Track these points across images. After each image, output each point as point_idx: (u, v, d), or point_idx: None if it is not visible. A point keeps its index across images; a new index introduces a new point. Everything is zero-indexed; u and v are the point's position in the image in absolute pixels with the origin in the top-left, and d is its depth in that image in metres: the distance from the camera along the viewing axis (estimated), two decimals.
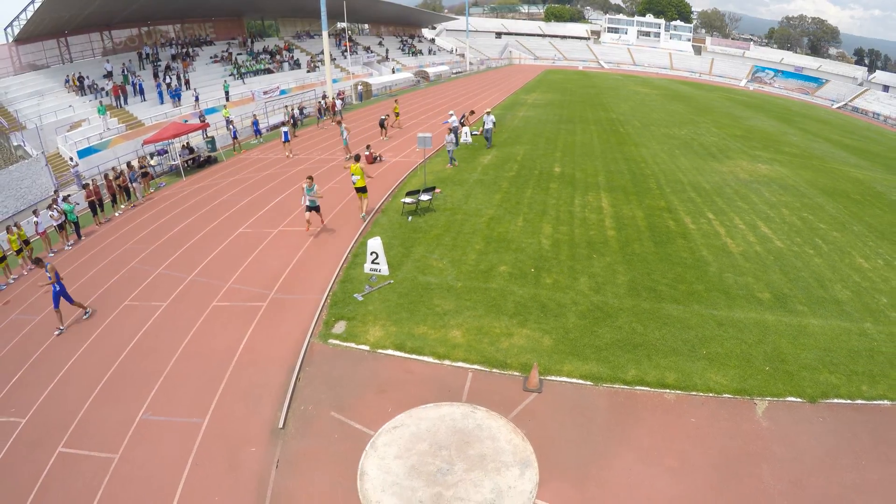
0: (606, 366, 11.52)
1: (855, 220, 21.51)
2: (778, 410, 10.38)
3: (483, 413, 10.05)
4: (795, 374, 11.32)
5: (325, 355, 11.96)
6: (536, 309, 13.64)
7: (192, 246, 18.63)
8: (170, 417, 10.46)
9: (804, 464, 9.15)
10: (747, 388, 10.88)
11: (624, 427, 10.03)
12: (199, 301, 14.62)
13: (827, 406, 10.50)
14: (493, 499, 8.20)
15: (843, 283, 15.39)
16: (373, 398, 10.59)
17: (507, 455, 9.06)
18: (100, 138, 34.60)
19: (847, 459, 9.25)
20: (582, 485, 8.73)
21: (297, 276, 15.66)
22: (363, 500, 8.28)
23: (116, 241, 20.41)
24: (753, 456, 9.34)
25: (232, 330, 13.10)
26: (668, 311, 13.57)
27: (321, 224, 19.29)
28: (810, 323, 13.22)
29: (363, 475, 8.68)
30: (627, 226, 19.16)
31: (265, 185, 25.49)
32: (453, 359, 11.65)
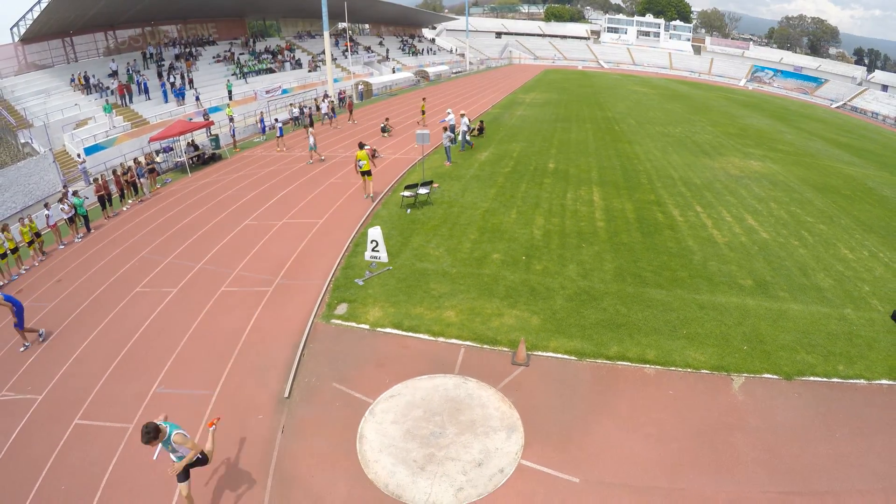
0: (590, 343, 12.21)
1: (843, 214, 22.08)
2: (754, 386, 11.03)
3: (474, 384, 10.73)
4: (773, 353, 11.98)
5: (327, 333, 12.65)
6: (526, 292, 14.33)
7: (200, 237, 19.32)
8: (182, 390, 11.08)
9: (778, 435, 9.78)
10: (725, 365, 11.53)
11: (605, 398, 10.69)
12: (208, 287, 15.25)
13: (803, 383, 11.14)
14: (481, 458, 8.85)
15: (826, 272, 16.01)
16: (372, 371, 11.29)
17: (495, 421, 9.71)
18: (106, 136, 35.36)
19: (820, 432, 9.84)
20: (564, 448, 9.38)
21: (302, 263, 16.32)
22: (361, 460, 8.93)
23: (125, 234, 21.07)
24: (729, 426, 9.98)
25: (240, 312, 13.76)
26: (651, 295, 14.23)
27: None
28: (790, 308, 13.86)
29: (362, 438, 9.35)
30: (617, 218, 19.80)
31: (269, 180, 26.15)
32: (447, 336, 12.39)
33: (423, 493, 8.31)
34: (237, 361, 11.85)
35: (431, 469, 8.70)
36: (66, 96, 38.68)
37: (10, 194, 26.38)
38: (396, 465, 8.76)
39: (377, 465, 8.83)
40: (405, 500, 8.20)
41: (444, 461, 8.80)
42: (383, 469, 8.76)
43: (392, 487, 8.41)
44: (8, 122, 33.40)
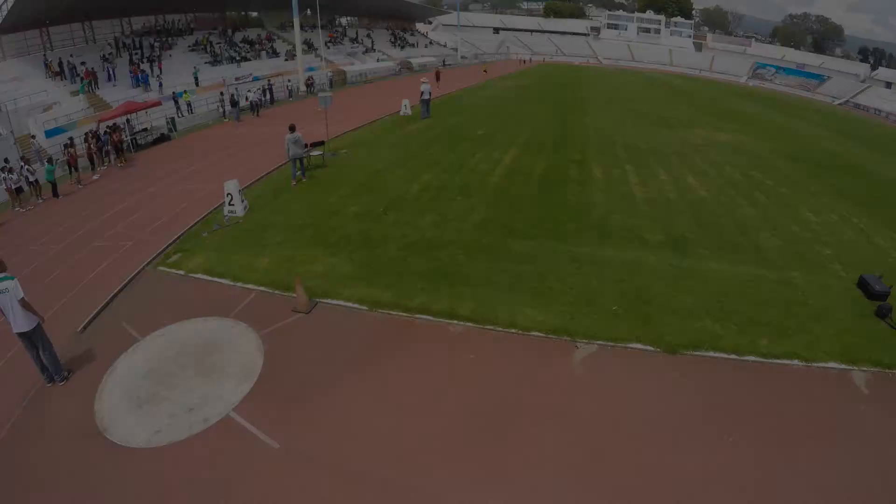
0: (392, 292, 9.93)
1: (816, 181, 19.18)
2: (609, 358, 8.17)
3: (242, 328, 9.78)
4: (656, 317, 9.11)
5: (148, 280, 11.97)
6: (358, 241, 12.30)
7: (107, 202, 18.27)
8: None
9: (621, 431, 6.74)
10: (571, 328, 8.77)
11: (376, 355, 8.35)
12: (84, 243, 14.59)
13: (692, 359, 8.14)
14: (196, 403, 7.98)
15: (774, 232, 13.31)
16: (160, 312, 10.38)
17: (236, 367, 8.74)
18: (67, 119, 34.28)
19: (703, 433, 6.75)
20: (287, 406, 7.59)
21: (171, 221, 15.39)
22: (99, 391, 8.37)
23: (56, 203, 19.80)
24: (539, 410, 7.12)
25: (93, 262, 13.10)
26: (511, 247, 11.76)
27: None
28: (707, 266, 11.13)
29: (113, 371, 8.85)
30: (518, 174, 17.42)
31: (195, 154, 24.85)
32: (245, 281, 11.21)
33: (125, 429, 7.54)
34: (65, 303, 11.12)
35: (147, 408, 7.95)
36: (37, 83, 38.14)
37: None
38: (122, 400, 8.14)
39: (108, 396, 8.24)
40: (108, 434, 7.45)
41: (163, 401, 8.06)
42: (109, 401, 8.14)
43: (105, 421, 7.73)
44: None
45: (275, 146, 23.95)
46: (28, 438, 7.33)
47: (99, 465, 6.78)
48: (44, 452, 7.05)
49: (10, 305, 7.98)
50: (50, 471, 6.75)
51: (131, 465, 6.77)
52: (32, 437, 7.35)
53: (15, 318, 8.06)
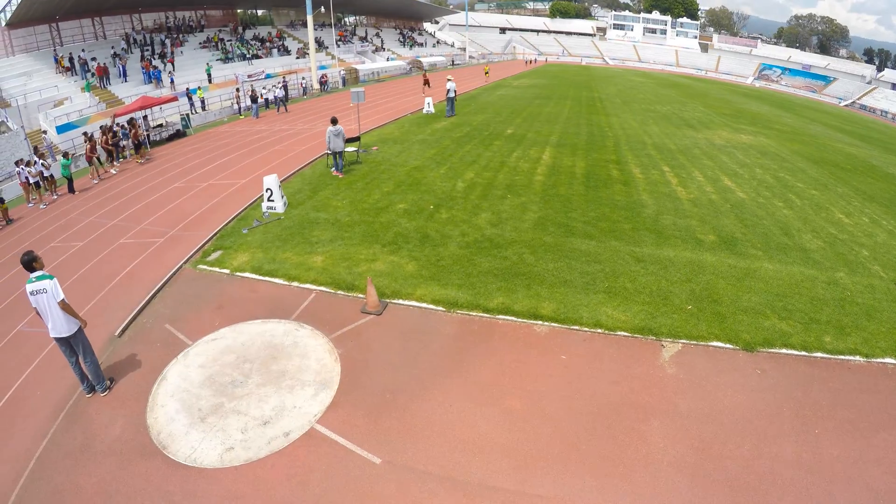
0: (470, 292, 9.52)
1: (841, 183, 19.02)
2: (694, 356, 8.05)
3: (307, 331, 9.11)
4: (730, 316, 9.01)
5: (188, 278, 11.44)
6: (416, 239, 11.89)
7: (128, 199, 17.94)
8: (41, 329, 9.63)
9: (721, 426, 6.71)
10: (654, 327, 8.61)
11: (463, 357, 7.97)
12: (110, 240, 14.21)
13: (770, 357, 8.12)
14: (271, 416, 7.22)
15: (815, 234, 13.13)
16: (208, 313, 9.88)
17: (309, 374, 8.03)
18: (79, 115, 34.18)
19: (790, 425, 6.74)
20: (378, 415, 7.04)
21: (204, 217, 15.03)
22: (150, 402, 7.68)
23: (72, 199, 19.53)
24: (642, 409, 6.98)
25: (123, 261, 12.67)
26: (574, 245, 11.47)
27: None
28: (763, 266, 10.98)
29: (163, 380, 8.16)
30: (561, 173, 17.12)
31: (216, 150, 24.48)
32: (302, 280, 10.65)
33: (190, 447, 6.75)
34: (96, 303, 10.73)
35: (212, 421, 7.19)
36: (47, 78, 37.96)
37: None
38: (180, 413, 7.37)
39: (162, 409, 7.49)
40: (169, 452, 6.71)
41: (230, 414, 7.30)
42: (165, 415, 7.38)
43: (163, 436, 6.97)
44: None
45: (299, 142, 24.21)
46: (71, 457, 6.70)
47: (165, 489, 6.12)
48: (93, 473, 6.43)
49: (49, 307, 7.42)
50: (104, 495, 6.09)
51: (204, 488, 6.11)
52: (76, 456, 6.72)
53: (54, 322, 7.49)
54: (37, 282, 7.41)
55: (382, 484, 6.01)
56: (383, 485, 6.00)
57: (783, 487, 5.83)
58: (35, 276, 7.45)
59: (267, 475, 6.23)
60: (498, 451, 6.26)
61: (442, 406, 7.08)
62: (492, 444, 6.37)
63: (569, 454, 6.26)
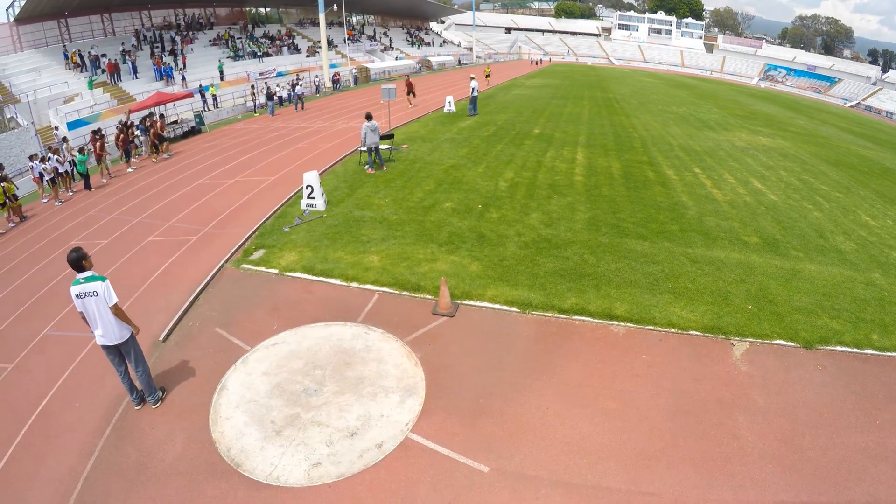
0: (541, 293, 9.52)
1: (861, 186, 19.24)
2: (762, 354, 8.26)
3: (377, 334, 8.72)
4: (786, 316, 9.22)
5: (232, 278, 11.06)
6: (473, 238, 11.87)
7: (151, 196, 17.74)
8: (69, 332, 9.62)
9: (797, 419, 6.97)
10: (722, 327, 8.77)
11: (549, 359, 7.96)
12: (137, 238, 13.95)
13: (828, 354, 8.37)
14: (357, 427, 6.75)
15: (847, 236, 13.31)
16: (262, 316, 9.51)
17: (391, 380, 7.60)
18: (90, 111, 34.18)
19: (856, 417, 7.04)
20: (475, 420, 6.88)
21: (237, 214, 14.86)
22: (212, 415, 7.14)
23: (89, 196, 19.35)
24: (726, 405, 7.16)
25: (155, 260, 12.34)
26: (630, 246, 11.56)
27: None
28: (806, 268, 11.17)
29: (223, 390, 7.61)
30: (599, 173, 17.23)
31: (237, 147, 24.45)
32: (361, 281, 10.38)
33: (269, 464, 6.26)
34: (133, 304, 10.35)
35: (289, 434, 6.67)
36: (57, 74, 37.77)
37: None
38: (249, 426, 6.84)
39: (227, 422, 6.95)
40: (244, 470, 6.19)
41: (309, 426, 6.78)
42: (232, 428, 6.85)
43: (234, 452, 6.46)
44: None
45: (322, 140, 24.26)
46: (125, 478, 6.20)
47: None
48: (155, 497, 5.94)
49: (98, 312, 6.74)
50: None
51: None
52: (131, 477, 6.22)
53: (104, 328, 6.83)
54: (85, 283, 6.70)
55: (495, 493, 5.87)
56: (496, 494, 5.86)
57: (857, 474, 6.12)
58: (83, 276, 6.74)
59: (366, 492, 5.86)
60: (603, 452, 6.33)
61: (539, 409, 7.05)
62: (595, 444, 6.43)
63: (669, 451, 6.37)
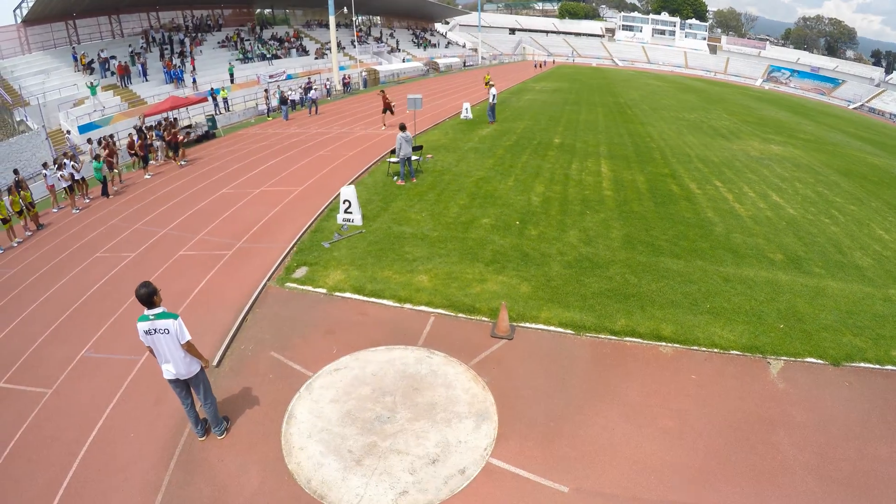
0: (592, 314, 9.97)
1: (873, 197, 19.70)
2: (796, 371, 8.79)
3: (440, 358, 8.83)
4: (814, 334, 9.73)
5: (278, 298, 11.01)
6: (517, 257, 12.25)
7: (173, 205, 17.88)
8: (110, 355, 9.71)
9: (830, 433, 7.51)
10: (759, 346, 9.30)
11: (608, 380, 8.44)
12: (167, 251, 13.96)
13: (853, 370, 8.88)
14: (437, 454, 6.88)
15: (864, 251, 13.79)
16: (319, 339, 9.54)
17: (462, 405, 7.75)
18: (101, 115, 34.26)
19: (880, 430, 7.59)
20: (550, 443, 7.23)
21: (270, 228, 14.91)
22: (285, 445, 7.13)
23: (108, 203, 19.55)
24: (768, 421, 7.71)
25: (191, 276, 12.32)
26: (666, 265, 12.04)
27: None
28: (828, 285, 11.63)
29: (291, 418, 7.59)
30: (627, 188, 17.71)
31: (256, 154, 24.67)
32: (415, 302, 10.51)
33: (354, 494, 6.35)
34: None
35: (370, 463, 6.75)
36: (65, 76, 37.73)
37: (0, 169, 25.32)
38: (326, 456, 6.87)
39: (302, 453, 6.96)
40: (329, 502, 6.28)
41: (388, 454, 6.88)
42: (309, 459, 6.87)
43: (315, 484, 6.51)
44: (4, 100, 32.58)
45: (343, 147, 24.41)
46: None
47: None
48: None
49: (169, 348, 6.64)
50: None
51: None
52: None
53: (175, 364, 6.72)
54: (156, 320, 6.54)
55: None
56: None
57: (886, 483, 6.65)
58: (154, 313, 6.55)
59: None
60: (668, 469, 6.83)
61: (605, 430, 7.45)
62: (660, 462, 6.93)
63: (723, 466, 6.90)
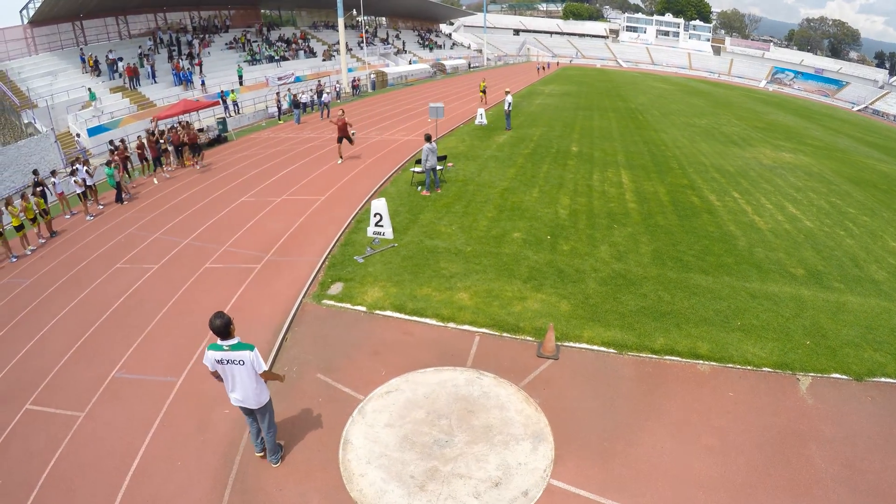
0: (632, 333, 10.31)
1: (884, 207, 20.07)
2: (823, 387, 9.18)
3: (490, 379, 8.93)
4: (838, 349, 10.12)
5: (316, 316, 10.97)
6: (553, 274, 12.55)
7: (191, 214, 17.83)
8: (143, 376, 9.61)
9: (857, 446, 7.94)
10: (788, 363, 9.70)
11: (653, 399, 8.81)
12: (191, 263, 13.83)
13: (875, 385, 9.28)
14: (499, 476, 6.99)
15: (879, 264, 14.16)
16: (365, 360, 9.54)
17: (518, 427, 7.88)
18: (111, 117, 34.23)
19: None
20: (605, 463, 7.49)
21: (297, 240, 14.88)
22: (344, 472, 7.15)
23: (119, 210, 19.63)
24: (800, 435, 8.12)
25: (221, 291, 12.24)
26: (696, 282, 12.42)
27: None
28: (848, 300, 12.01)
29: (346, 444, 7.61)
30: (649, 200, 18.10)
31: (272, 160, 24.81)
32: (459, 321, 10.59)
33: None
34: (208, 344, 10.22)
35: (434, 489, 6.83)
36: (73, 78, 37.75)
37: (8, 173, 25.24)
38: (389, 482, 6.92)
39: (364, 480, 7.00)
40: None
41: (451, 478, 6.95)
42: (371, 486, 6.92)
43: None
44: (12, 101, 32.56)
45: (362, 153, 24.30)
46: None
47: None
48: None
49: (241, 378, 6.56)
50: None
51: None
52: None
53: (245, 393, 6.67)
54: (231, 351, 6.46)
55: None
56: None
57: None
58: (229, 344, 6.47)
59: None
60: (715, 485, 7.25)
61: (655, 448, 7.76)
62: (706, 478, 7.34)
63: (763, 480, 7.33)
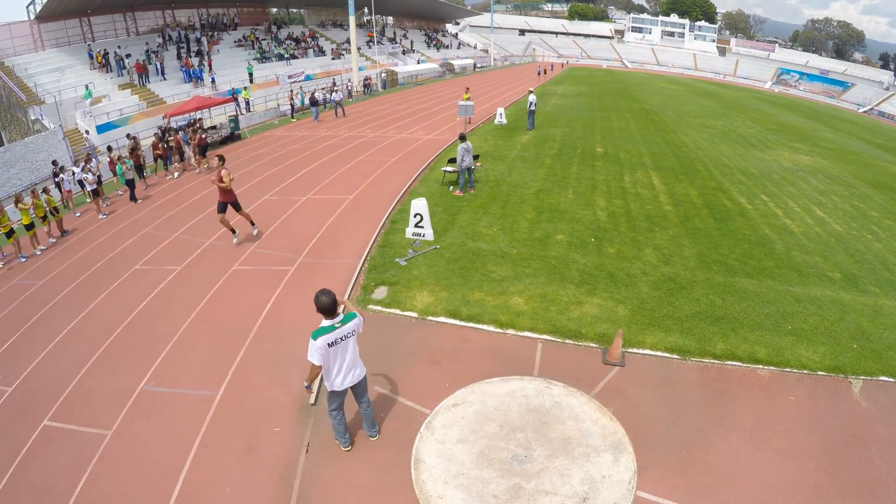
0: (692, 338, 10.39)
1: None
2: (874, 390, 9.37)
3: (560, 389, 8.67)
4: (883, 353, 10.30)
5: (365, 322, 11.01)
6: (604, 278, 12.62)
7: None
8: (176, 389, 9.06)
9: None
10: (840, 366, 9.88)
11: (722, 405, 8.77)
12: (217, 265, 13.43)
13: None
14: (585, 491, 6.71)
15: None
16: (424, 370, 9.17)
17: (596, 438, 7.60)
18: (120, 114, 34.45)
19: None
20: (686, 471, 7.39)
21: (329, 240, 14.60)
22: (420, 495, 6.68)
23: (135, 208, 19.64)
24: (859, 438, 8.30)
25: (254, 295, 11.80)
26: (743, 286, 12.57)
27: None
28: (885, 304, 12.17)
29: (418, 463, 7.14)
30: (683, 203, 18.25)
31: (291, 158, 24.82)
32: (518, 328, 10.33)
33: None
34: (248, 354, 9.76)
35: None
36: (81, 74, 37.90)
37: (16, 170, 25.16)
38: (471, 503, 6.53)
39: (442, 502, 6.57)
40: None
41: (537, 496, 6.60)
42: None
43: None
44: (18, 98, 32.54)
45: (382, 152, 24.40)
46: None
47: None
48: None
49: (350, 352, 6.35)
50: None
51: None
52: None
53: (354, 369, 6.52)
54: (343, 326, 6.22)
55: None
56: None
57: None
58: (338, 320, 6.24)
59: None
60: (789, 488, 7.44)
61: (731, 454, 7.76)
62: (781, 482, 7.52)
63: (833, 482, 7.53)
